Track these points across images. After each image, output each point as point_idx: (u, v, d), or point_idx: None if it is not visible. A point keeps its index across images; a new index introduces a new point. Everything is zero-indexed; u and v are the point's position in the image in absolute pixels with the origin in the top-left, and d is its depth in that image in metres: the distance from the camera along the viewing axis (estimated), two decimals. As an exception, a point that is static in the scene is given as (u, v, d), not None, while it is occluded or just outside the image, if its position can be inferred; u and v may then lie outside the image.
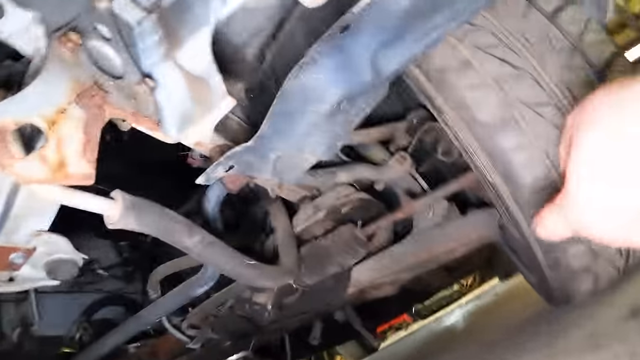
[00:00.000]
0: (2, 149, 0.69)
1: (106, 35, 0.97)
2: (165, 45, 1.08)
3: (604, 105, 0.77)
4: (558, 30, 1.44)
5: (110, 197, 0.94)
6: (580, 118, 0.80)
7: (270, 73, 1.42)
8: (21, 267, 1.35)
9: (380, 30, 0.99)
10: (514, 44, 1.43)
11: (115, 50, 0.99)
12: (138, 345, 2.37)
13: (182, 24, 1.09)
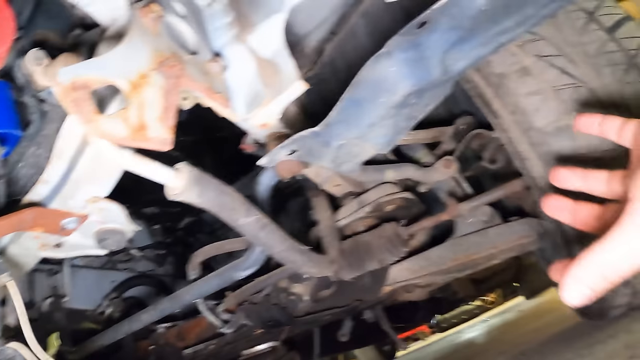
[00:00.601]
0: (87, 104, 0.70)
1: (181, 13, 0.98)
2: (237, 29, 1.09)
3: None
4: (615, 45, 1.45)
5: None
6: None
7: (329, 67, 1.43)
8: (71, 233, 1.36)
9: (453, 29, 1.01)
10: (573, 56, 1.45)
11: (189, 27, 1.01)
12: (167, 325, 2.38)
13: (255, 10, 1.10)
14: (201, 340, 2.24)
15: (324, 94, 1.35)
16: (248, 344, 2.37)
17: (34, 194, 1.26)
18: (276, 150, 1.12)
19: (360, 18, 1.37)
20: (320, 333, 2.95)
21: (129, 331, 1.98)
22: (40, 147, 1.30)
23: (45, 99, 1.20)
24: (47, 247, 1.45)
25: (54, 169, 1.20)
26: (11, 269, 1.32)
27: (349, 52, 1.41)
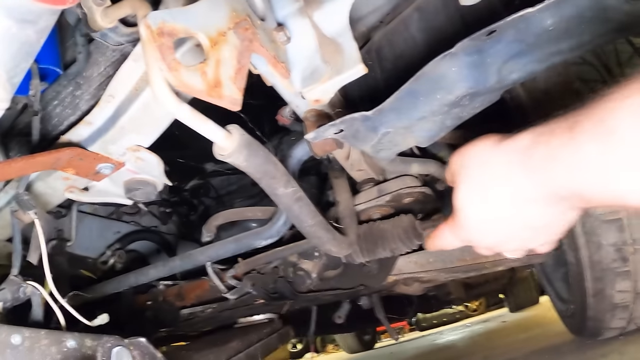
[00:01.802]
0: (170, 52, 0.71)
1: (252, -24, 1.00)
2: (302, 2, 1.11)
3: (475, 161, 0.95)
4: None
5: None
6: (459, 161, 0.99)
7: (375, 54, 1.45)
8: (102, 179, 1.37)
9: (516, 42, 1.04)
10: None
11: (259, -8, 1.02)
12: (168, 283, 2.40)
13: (325, -13, 1.13)
14: (201, 302, 2.26)
15: (364, 80, 1.36)
16: (246, 312, 2.38)
17: (73, 134, 1.27)
18: (325, 127, 1.13)
19: (415, 11, 1.38)
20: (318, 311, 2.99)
21: (135, 284, 1.99)
22: (80, 88, 1.31)
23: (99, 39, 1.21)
24: (74, 190, 1.46)
25: (100, 112, 1.21)
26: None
27: (398, 43, 1.42)
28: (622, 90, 0.67)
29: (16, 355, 0.94)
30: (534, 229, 0.95)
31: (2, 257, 1.78)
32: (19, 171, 1.18)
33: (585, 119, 0.71)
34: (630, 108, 0.65)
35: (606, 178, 0.70)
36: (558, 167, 0.77)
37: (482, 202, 0.94)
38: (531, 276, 7.44)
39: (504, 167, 0.88)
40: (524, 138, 0.85)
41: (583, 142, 0.71)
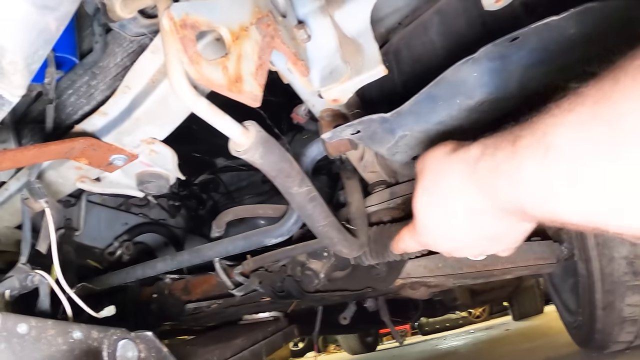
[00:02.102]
0: (192, 45, 0.70)
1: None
2: (323, 1, 1.11)
3: (430, 169, 0.96)
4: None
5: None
6: (420, 166, 0.99)
7: (393, 56, 1.44)
8: (115, 170, 1.37)
9: (539, 50, 1.03)
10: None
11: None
12: (175, 277, 2.40)
13: (346, -13, 1.12)
14: (207, 297, 2.25)
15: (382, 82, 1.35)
16: (252, 309, 2.38)
17: (88, 124, 1.26)
18: (342, 127, 1.12)
19: (434, 15, 1.37)
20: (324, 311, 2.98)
21: (142, 276, 1.99)
22: (96, 78, 1.30)
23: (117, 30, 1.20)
24: (85, 180, 1.45)
25: (116, 102, 1.21)
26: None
27: (416, 46, 1.41)
28: (565, 104, 0.65)
29: (22, 345, 0.93)
30: (489, 239, 0.96)
31: (10, 244, 1.79)
32: (31, 159, 1.17)
33: (528, 133, 0.70)
34: (570, 124, 0.63)
35: (545, 195, 0.69)
36: (501, 182, 0.77)
37: (436, 211, 0.95)
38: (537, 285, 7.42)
39: (456, 178, 0.88)
40: (474, 149, 0.84)
41: (524, 158, 0.70)
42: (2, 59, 0.82)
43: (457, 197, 0.89)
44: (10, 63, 0.84)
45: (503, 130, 0.78)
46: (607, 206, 0.62)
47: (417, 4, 1.42)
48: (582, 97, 0.62)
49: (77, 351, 1.03)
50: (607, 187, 0.60)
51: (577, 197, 0.64)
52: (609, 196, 0.61)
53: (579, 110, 0.62)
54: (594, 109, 0.60)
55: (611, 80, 0.59)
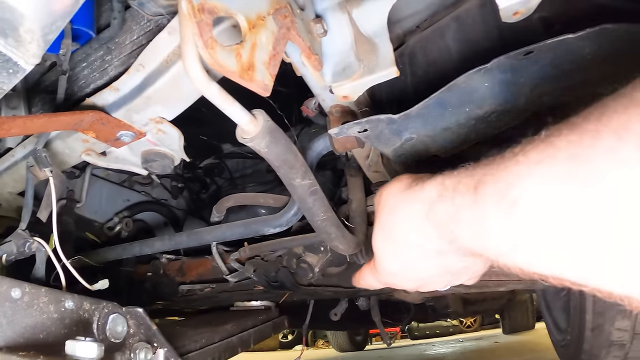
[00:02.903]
0: (208, 29, 0.71)
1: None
2: (342, -2, 1.12)
3: (386, 205, 0.93)
4: None
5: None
6: (377, 201, 0.98)
7: (407, 59, 1.44)
8: (121, 146, 1.37)
9: (552, 67, 1.03)
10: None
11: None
12: (170, 257, 2.41)
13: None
14: (201, 280, 2.27)
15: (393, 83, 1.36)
16: (245, 297, 2.39)
17: (99, 98, 1.27)
18: (349, 124, 1.13)
19: (452, 21, 1.37)
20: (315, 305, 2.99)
21: (139, 253, 2.01)
22: (110, 54, 1.31)
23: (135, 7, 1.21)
24: (91, 153, 1.46)
25: (128, 79, 1.21)
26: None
27: (432, 51, 1.41)
28: (533, 153, 0.60)
29: (14, 309, 0.94)
30: (453, 273, 0.94)
31: (12, 210, 1.80)
32: (40, 127, 1.18)
33: (491, 180, 0.66)
34: (537, 178, 0.59)
35: (509, 250, 0.65)
36: (462, 230, 0.73)
37: (394, 251, 0.92)
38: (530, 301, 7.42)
39: (412, 218, 0.85)
40: (430, 189, 0.81)
41: (486, 209, 0.66)
42: (20, 27, 0.82)
43: (415, 237, 0.86)
44: (28, 31, 0.85)
45: (461, 170, 0.75)
46: (583, 267, 0.58)
47: (436, 9, 1.42)
48: (553, 148, 0.58)
49: (68, 320, 1.04)
50: (581, 249, 0.56)
51: (549, 257, 0.61)
52: (584, 258, 0.56)
53: (549, 163, 0.58)
54: (569, 166, 0.55)
55: (592, 132, 0.54)
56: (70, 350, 0.90)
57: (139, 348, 1.15)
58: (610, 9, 1.09)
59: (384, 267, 0.97)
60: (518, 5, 0.96)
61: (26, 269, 1.28)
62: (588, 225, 0.54)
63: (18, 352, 0.87)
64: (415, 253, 0.88)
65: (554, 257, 0.60)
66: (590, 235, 0.54)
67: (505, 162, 0.64)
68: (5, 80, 0.93)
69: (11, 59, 0.86)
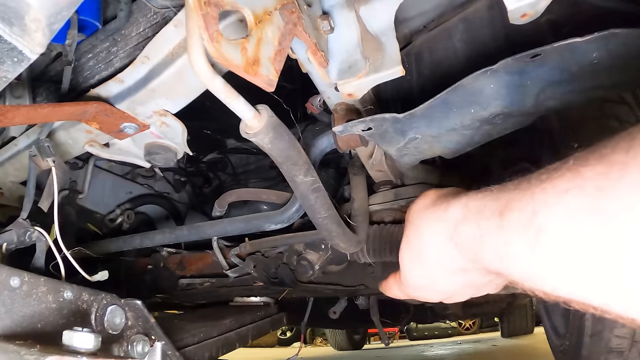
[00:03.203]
0: (214, 23, 0.70)
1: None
2: (350, -5, 1.12)
3: (414, 223, 0.93)
4: None
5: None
6: (407, 216, 0.98)
7: (414, 58, 1.44)
8: (125, 138, 1.37)
9: (559, 70, 1.03)
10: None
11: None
12: (171, 251, 2.41)
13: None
14: (201, 275, 2.26)
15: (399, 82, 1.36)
16: (244, 292, 2.39)
17: (103, 89, 1.27)
18: (354, 122, 1.13)
19: (460, 22, 1.37)
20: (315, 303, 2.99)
21: (139, 246, 2.01)
22: (116, 45, 1.31)
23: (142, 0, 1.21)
24: (94, 144, 1.46)
25: (133, 71, 1.21)
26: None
27: (438, 51, 1.41)
28: (559, 181, 0.60)
29: (13, 298, 0.94)
30: (477, 287, 0.94)
31: (13, 199, 1.80)
32: (44, 117, 1.18)
33: (517, 206, 0.66)
34: (565, 208, 0.58)
35: (535, 276, 0.66)
36: (487, 254, 0.73)
37: (420, 268, 0.94)
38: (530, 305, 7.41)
39: (436, 237, 0.86)
40: (454, 210, 0.81)
41: (512, 235, 0.66)
42: (26, 16, 0.82)
43: (439, 257, 0.87)
44: (33, 20, 0.85)
45: (486, 192, 0.75)
46: (606, 296, 0.58)
47: (444, 10, 1.42)
48: (581, 179, 0.58)
49: (66, 311, 1.04)
50: (604, 279, 0.56)
51: (573, 285, 0.61)
52: (608, 287, 0.57)
53: (575, 195, 0.58)
54: (596, 198, 0.55)
55: (620, 165, 0.54)
56: (67, 341, 0.89)
57: (137, 340, 1.15)
58: (619, 13, 1.09)
59: (410, 281, 0.98)
60: (526, 7, 0.96)
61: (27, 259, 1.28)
62: (612, 257, 0.54)
63: (15, 340, 0.87)
64: (440, 271, 0.89)
65: (578, 285, 0.60)
66: (615, 266, 0.55)
67: (532, 188, 0.64)
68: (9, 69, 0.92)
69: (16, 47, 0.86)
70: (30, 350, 0.81)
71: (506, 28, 1.24)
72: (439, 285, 0.93)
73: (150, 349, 1.19)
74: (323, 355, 8.03)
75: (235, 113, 0.90)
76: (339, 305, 2.88)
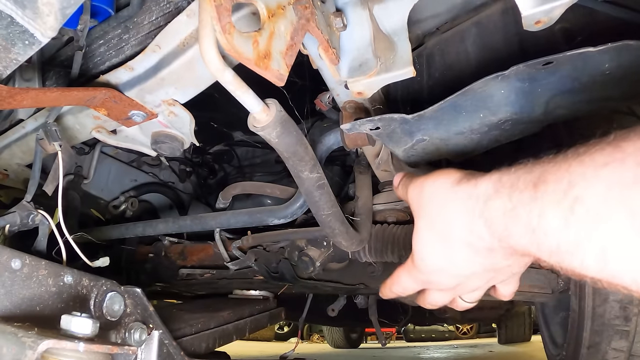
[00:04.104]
0: (227, 14, 0.70)
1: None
2: (364, -7, 1.11)
3: (434, 202, 0.90)
4: None
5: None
6: (418, 196, 0.95)
7: (425, 60, 1.43)
8: (132, 125, 1.37)
9: (570, 79, 1.03)
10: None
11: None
12: (173, 240, 2.41)
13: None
14: (201, 265, 2.27)
15: (409, 83, 1.35)
16: (244, 285, 2.39)
17: (113, 76, 1.27)
18: (362, 121, 1.13)
19: (473, 26, 1.37)
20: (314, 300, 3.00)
21: (142, 234, 2.01)
22: (128, 33, 1.31)
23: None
24: (102, 130, 1.46)
25: (144, 59, 1.21)
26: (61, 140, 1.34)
27: (450, 54, 1.41)
28: (598, 155, 0.60)
29: (13, 280, 0.94)
30: (494, 271, 0.92)
31: (19, 181, 1.80)
32: (52, 101, 1.18)
33: (552, 177, 0.65)
34: (605, 182, 0.58)
35: (566, 249, 0.64)
36: (518, 227, 0.71)
37: (442, 248, 0.90)
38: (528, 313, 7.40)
39: (464, 214, 0.83)
40: (484, 184, 0.79)
41: (546, 206, 0.65)
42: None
43: (466, 235, 0.84)
44: (46, 4, 0.85)
45: (519, 166, 0.74)
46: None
47: (458, 13, 1.41)
48: (621, 153, 0.57)
49: (66, 295, 1.04)
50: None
51: (608, 261, 0.60)
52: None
53: (616, 168, 0.57)
54: (637, 172, 0.55)
55: None
56: (66, 325, 0.90)
57: (134, 328, 1.15)
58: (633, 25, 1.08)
59: (427, 263, 0.94)
60: (541, 14, 0.95)
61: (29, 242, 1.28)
62: None
63: (13, 322, 0.87)
64: (463, 250, 0.86)
65: (612, 260, 0.59)
66: None
67: (569, 161, 0.64)
68: (20, 52, 0.92)
69: (28, 30, 0.86)
70: (27, 332, 0.82)
71: (519, 34, 1.24)
72: (457, 266, 0.90)
73: (147, 337, 1.19)
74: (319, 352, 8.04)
75: (244, 106, 0.90)
76: (337, 303, 2.88)
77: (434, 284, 0.99)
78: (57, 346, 0.82)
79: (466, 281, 0.96)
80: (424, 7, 1.37)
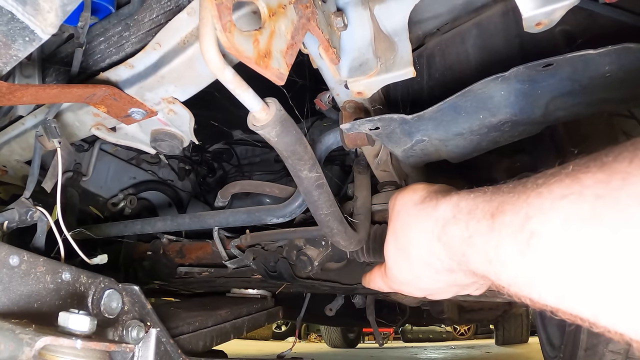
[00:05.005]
0: (228, 13, 0.70)
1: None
2: (364, -7, 1.11)
3: (400, 217, 0.92)
4: None
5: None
6: (391, 207, 0.98)
7: (425, 60, 1.43)
8: (132, 123, 1.37)
9: (570, 81, 1.03)
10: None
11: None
12: (171, 238, 2.41)
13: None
14: (200, 264, 2.26)
15: (409, 83, 1.35)
16: (242, 284, 2.39)
17: (113, 73, 1.27)
18: (362, 121, 1.13)
19: (474, 27, 1.37)
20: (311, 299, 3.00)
21: (140, 232, 2.01)
22: (128, 30, 1.31)
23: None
24: (101, 127, 1.46)
25: (144, 57, 1.21)
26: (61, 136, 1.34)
27: (450, 55, 1.41)
28: (558, 186, 0.58)
29: (11, 276, 0.94)
30: (461, 287, 0.94)
31: (17, 178, 1.80)
32: (52, 98, 1.18)
33: (510, 209, 0.64)
34: (561, 214, 0.56)
35: (523, 282, 0.63)
36: (475, 255, 0.71)
37: (406, 264, 0.92)
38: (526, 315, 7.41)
39: (423, 235, 0.84)
40: (444, 208, 0.79)
41: (503, 238, 0.64)
42: (40, -5, 0.82)
43: (425, 255, 0.85)
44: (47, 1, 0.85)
45: (478, 193, 0.73)
46: (599, 308, 0.55)
47: (458, 14, 1.41)
48: (580, 186, 0.55)
49: (63, 292, 1.04)
50: (601, 291, 0.54)
51: (564, 294, 0.58)
52: (603, 300, 0.54)
53: (573, 201, 0.55)
54: (595, 206, 0.53)
55: (622, 174, 0.52)
56: (63, 322, 0.90)
57: (132, 326, 1.15)
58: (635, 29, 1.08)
59: (395, 275, 0.97)
60: (541, 16, 0.95)
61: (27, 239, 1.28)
62: (608, 268, 0.52)
63: (11, 319, 0.87)
64: (425, 269, 0.88)
65: (568, 293, 0.58)
66: (610, 278, 0.52)
67: (527, 192, 0.62)
68: (20, 48, 0.92)
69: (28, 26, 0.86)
70: (25, 329, 0.82)
71: (520, 36, 1.24)
72: (423, 282, 0.92)
73: (145, 335, 1.19)
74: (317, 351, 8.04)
75: (244, 105, 0.90)
76: (335, 302, 2.88)
77: (403, 292, 1.03)
78: (55, 343, 0.82)
79: (434, 294, 1.00)
80: (425, 7, 1.36)
